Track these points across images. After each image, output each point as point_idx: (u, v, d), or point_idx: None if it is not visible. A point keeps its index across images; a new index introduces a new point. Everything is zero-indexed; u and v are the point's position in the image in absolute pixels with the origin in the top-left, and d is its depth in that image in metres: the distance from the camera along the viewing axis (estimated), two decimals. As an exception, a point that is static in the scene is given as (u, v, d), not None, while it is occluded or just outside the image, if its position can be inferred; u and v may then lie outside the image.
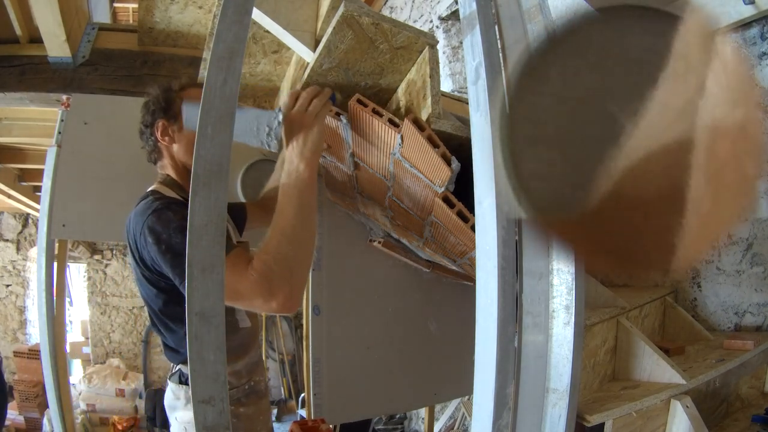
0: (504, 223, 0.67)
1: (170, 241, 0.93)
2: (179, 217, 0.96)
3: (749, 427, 1.37)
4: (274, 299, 0.79)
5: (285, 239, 0.82)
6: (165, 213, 0.96)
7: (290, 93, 0.91)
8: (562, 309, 0.69)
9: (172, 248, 0.92)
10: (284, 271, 0.80)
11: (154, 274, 1.02)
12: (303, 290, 0.85)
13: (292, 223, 0.84)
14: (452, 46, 3.29)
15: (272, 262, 0.80)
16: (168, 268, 0.94)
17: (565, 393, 0.68)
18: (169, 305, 1.07)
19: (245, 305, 0.83)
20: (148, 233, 0.95)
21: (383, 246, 1.65)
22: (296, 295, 0.82)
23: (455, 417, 3.13)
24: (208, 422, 0.56)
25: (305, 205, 0.86)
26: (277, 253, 0.81)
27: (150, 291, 1.06)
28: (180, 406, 1.17)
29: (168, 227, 0.94)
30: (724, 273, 1.68)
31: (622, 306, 1.47)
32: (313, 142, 0.88)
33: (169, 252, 0.93)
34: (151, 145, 1.15)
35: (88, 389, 4.75)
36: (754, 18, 1.48)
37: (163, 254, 0.93)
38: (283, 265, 0.80)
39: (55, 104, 1.51)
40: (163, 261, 0.94)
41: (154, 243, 0.94)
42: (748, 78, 0.45)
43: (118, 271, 5.31)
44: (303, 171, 0.86)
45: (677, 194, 0.47)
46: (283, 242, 0.82)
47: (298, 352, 5.31)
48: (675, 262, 0.50)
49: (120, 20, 5.48)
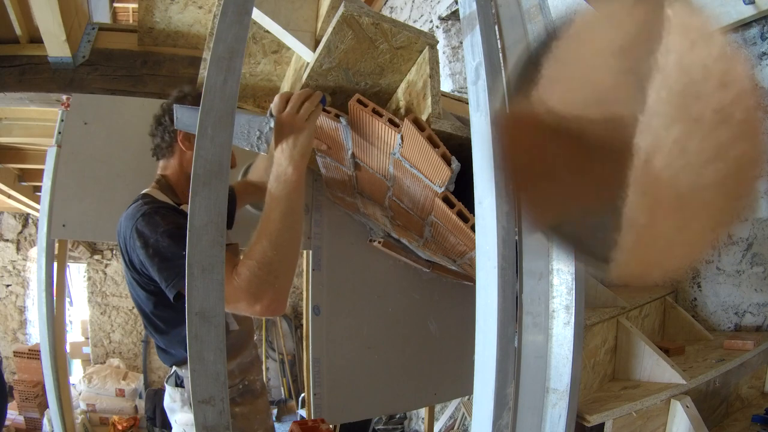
0: (504, 223, 0.67)
1: (158, 245, 0.93)
2: (167, 222, 0.96)
3: (749, 427, 1.37)
4: (258, 303, 0.80)
5: (270, 244, 0.82)
6: (153, 218, 0.96)
7: (280, 95, 0.90)
8: (562, 309, 0.69)
9: (159, 252, 0.93)
10: (268, 276, 0.80)
11: (143, 276, 1.02)
12: (288, 293, 0.85)
13: (278, 227, 0.83)
14: (452, 46, 3.29)
15: (256, 267, 0.80)
16: (155, 271, 0.94)
17: (565, 393, 0.68)
18: (159, 307, 1.07)
19: (230, 309, 0.84)
20: (136, 236, 0.95)
21: (383, 246, 1.65)
22: (281, 299, 0.83)
23: (455, 417, 3.13)
24: (208, 422, 0.56)
25: (291, 210, 0.86)
26: (261, 259, 0.81)
27: (140, 293, 1.07)
28: (177, 409, 1.18)
29: (156, 231, 0.94)
30: (724, 273, 1.68)
31: (622, 306, 1.47)
32: (303, 145, 0.87)
33: (156, 256, 0.93)
34: (167, 142, 1.13)
35: (88, 389, 4.75)
36: (754, 18, 1.48)
37: (150, 258, 0.94)
38: (268, 269, 0.80)
39: (55, 104, 1.51)
40: (150, 264, 0.95)
41: (142, 247, 0.94)
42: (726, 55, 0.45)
43: (118, 271, 5.31)
44: (291, 174, 0.86)
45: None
46: (267, 248, 0.82)
47: (298, 352, 5.31)
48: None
49: (120, 20, 5.47)
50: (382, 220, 1.46)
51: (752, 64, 1.49)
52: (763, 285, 1.57)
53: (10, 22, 1.53)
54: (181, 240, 0.93)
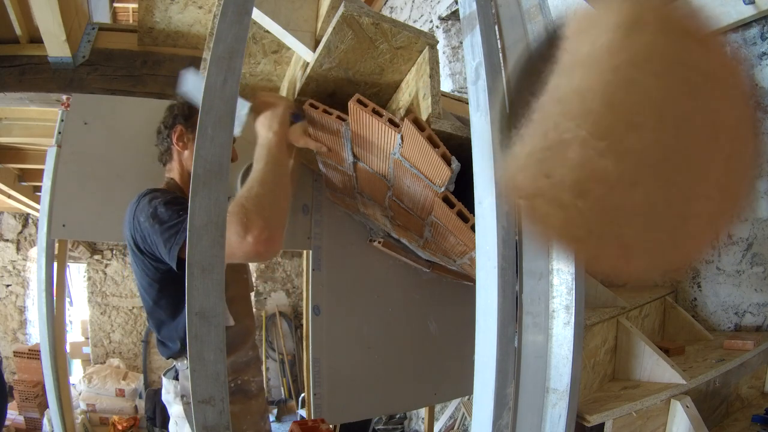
0: (504, 223, 0.67)
1: (156, 211, 0.99)
2: (166, 195, 1.03)
3: (749, 427, 1.37)
4: (249, 233, 0.81)
5: (257, 184, 0.88)
6: (153, 194, 1.04)
7: (258, 94, 1.03)
8: (562, 309, 0.69)
9: (158, 216, 0.98)
10: (257, 208, 0.84)
11: (147, 256, 1.05)
12: (280, 232, 0.88)
13: (264, 171, 0.91)
14: (452, 46, 3.29)
15: (244, 200, 0.84)
16: (156, 238, 0.98)
17: (565, 393, 0.68)
18: (162, 297, 1.11)
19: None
20: (138, 213, 1.02)
21: (383, 246, 1.65)
22: (273, 233, 0.84)
23: (455, 417, 3.13)
24: (208, 422, 0.56)
25: (276, 161, 0.94)
26: (249, 194, 0.86)
27: (144, 280, 1.10)
28: (171, 400, 1.21)
29: (155, 201, 1.01)
30: (724, 273, 1.68)
31: (622, 306, 1.47)
32: (279, 116, 0.99)
33: (156, 220, 0.98)
34: (165, 146, 1.21)
35: (88, 389, 4.75)
36: (754, 18, 1.48)
37: (151, 225, 0.98)
38: (256, 202, 0.84)
39: (55, 104, 1.51)
40: (151, 232, 0.99)
41: (145, 219, 1.00)
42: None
43: (118, 271, 5.31)
44: (272, 138, 0.96)
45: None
46: (254, 186, 0.87)
47: (298, 352, 5.31)
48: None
49: (120, 20, 5.48)
50: (382, 220, 1.46)
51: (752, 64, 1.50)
52: (763, 285, 1.57)
53: (10, 22, 1.53)
54: (180, 206, 0.97)
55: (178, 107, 1.20)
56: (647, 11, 0.44)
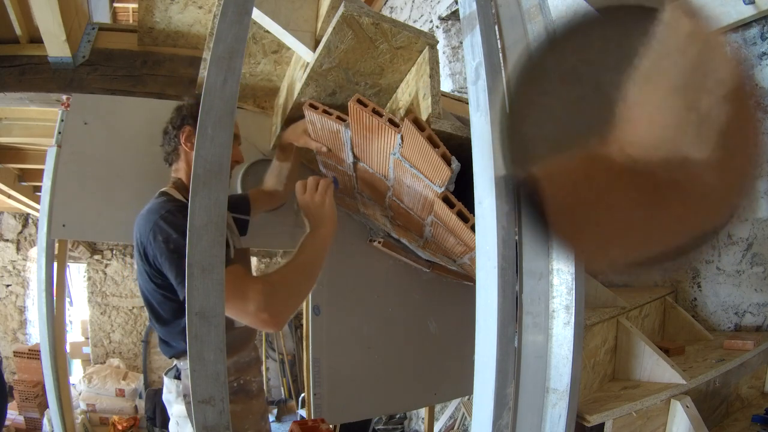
0: (504, 223, 0.67)
1: (177, 243, 0.98)
2: (185, 223, 1.01)
3: (749, 427, 1.37)
4: (266, 312, 0.88)
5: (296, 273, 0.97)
6: (176, 216, 1.02)
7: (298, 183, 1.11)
8: (562, 309, 0.69)
9: (179, 251, 0.97)
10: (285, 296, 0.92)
11: (155, 270, 1.06)
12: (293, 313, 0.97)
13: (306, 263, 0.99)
14: (452, 46, 3.29)
15: (278, 284, 0.92)
16: (171, 268, 0.99)
17: (565, 393, 0.68)
18: (164, 299, 1.11)
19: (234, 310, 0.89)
20: (158, 231, 1.00)
21: (383, 246, 1.65)
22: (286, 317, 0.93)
23: (455, 417, 3.13)
24: (208, 422, 0.56)
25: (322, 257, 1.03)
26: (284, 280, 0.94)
27: (148, 285, 1.10)
28: (172, 400, 1.21)
29: (177, 230, 1.00)
30: (724, 273, 1.68)
31: (622, 306, 1.47)
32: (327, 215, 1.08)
33: (175, 253, 0.98)
34: (172, 146, 1.21)
35: (88, 389, 4.75)
36: (754, 18, 1.48)
37: (170, 253, 0.99)
38: (287, 290, 0.93)
39: (55, 104, 1.51)
40: (167, 260, 0.99)
41: (163, 242, 0.99)
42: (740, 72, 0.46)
43: (118, 271, 5.31)
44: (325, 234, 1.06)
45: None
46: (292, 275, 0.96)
47: (298, 352, 5.31)
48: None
49: (120, 20, 5.47)
50: (382, 220, 1.46)
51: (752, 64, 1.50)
52: (763, 285, 1.57)
53: (10, 22, 1.53)
54: None
55: (187, 108, 1.20)
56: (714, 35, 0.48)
